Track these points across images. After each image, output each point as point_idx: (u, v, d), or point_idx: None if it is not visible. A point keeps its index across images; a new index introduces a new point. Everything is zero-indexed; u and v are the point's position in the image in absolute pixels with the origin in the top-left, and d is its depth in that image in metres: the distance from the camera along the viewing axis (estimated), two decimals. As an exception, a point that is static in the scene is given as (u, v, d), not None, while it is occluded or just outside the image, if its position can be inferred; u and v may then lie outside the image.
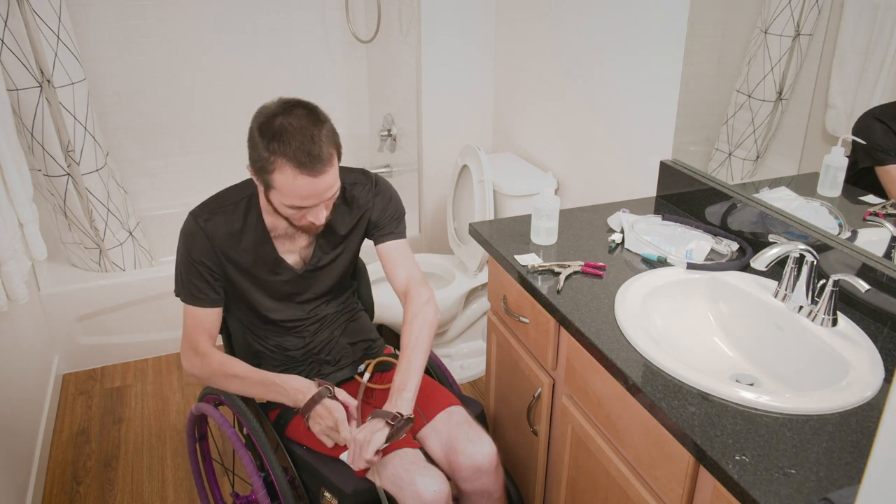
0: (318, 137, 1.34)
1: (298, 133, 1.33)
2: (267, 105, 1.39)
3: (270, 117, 1.35)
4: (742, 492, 0.97)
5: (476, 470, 1.49)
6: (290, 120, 1.34)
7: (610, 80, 2.08)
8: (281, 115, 1.35)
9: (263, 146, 1.34)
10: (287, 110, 1.36)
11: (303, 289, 1.62)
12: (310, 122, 1.35)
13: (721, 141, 1.73)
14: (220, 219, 1.50)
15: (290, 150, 1.32)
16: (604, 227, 1.76)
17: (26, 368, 2.26)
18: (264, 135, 1.34)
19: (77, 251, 2.70)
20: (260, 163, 1.36)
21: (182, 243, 1.51)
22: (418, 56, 2.69)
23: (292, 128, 1.33)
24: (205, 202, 1.54)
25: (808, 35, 1.48)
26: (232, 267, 1.53)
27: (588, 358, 1.35)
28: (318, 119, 1.37)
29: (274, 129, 1.33)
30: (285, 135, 1.33)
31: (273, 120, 1.35)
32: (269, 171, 1.35)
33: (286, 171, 1.34)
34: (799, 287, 1.33)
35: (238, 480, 2.16)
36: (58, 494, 2.15)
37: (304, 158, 1.32)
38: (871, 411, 1.11)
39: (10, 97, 2.30)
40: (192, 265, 1.50)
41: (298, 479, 1.54)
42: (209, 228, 1.49)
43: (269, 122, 1.35)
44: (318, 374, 1.65)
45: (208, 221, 1.50)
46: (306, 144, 1.32)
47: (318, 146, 1.34)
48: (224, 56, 3.14)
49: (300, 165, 1.33)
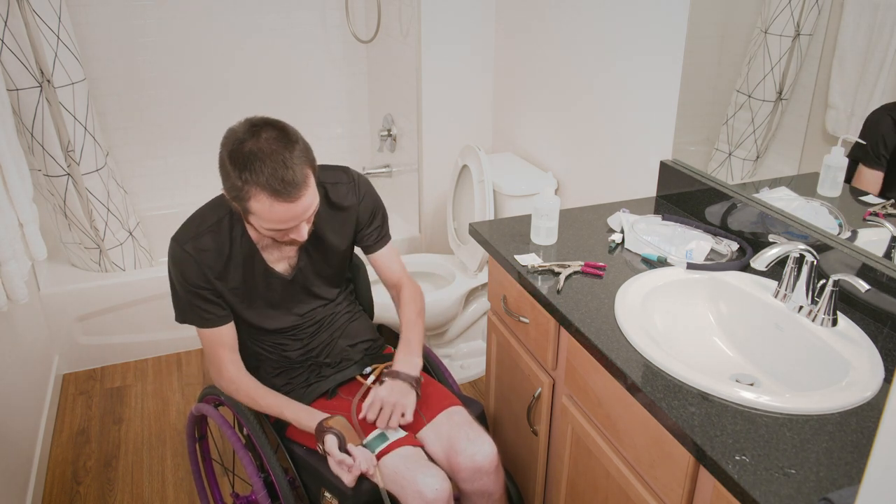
0: (290, 161, 1.30)
1: (269, 159, 1.29)
2: (234, 129, 1.34)
3: (239, 144, 1.31)
4: (742, 492, 0.97)
5: (476, 470, 1.49)
6: (260, 145, 1.30)
7: (610, 79, 2.08)
8: (250, 139, 1.31)
9: (236, 175, 1.30)
10: (255, 133, 1.31)
11: (295, 294, 1.61)
12: (280, 146, 1.31)
13: (721, 141, 1.73)
14: (208, 239, 1.47)
15: (263, 178, 1.28)
16: (604, 227, 1.76)
17: (26, 368, 2.26)
18: (235, 164, 1.30)
19: (77, 251, 2.70)
20: (234, 192, 1.33)
21: (174, 270, 1.49)
22: (418, 56, 2.69)
23: (263, 154, 1.29)
24: (185, 225, 1.50)
25: (808, 35, 1.48)
26: (223, 285, 1.51)
27: (588, 358, 1.35)
28: (288, 140, 1.33)
29: (245, 157, 1.29)
30: (256, 162, 1.28)
31: (242, 146, 1.30)
32: (245, 200, 1.32)
33: (262, 199, 1.31)
34: (799, 287, 1.33)
35: (238, 481, 2.16)
36: (58, 494, 2.15)
37: (278, 186, 1.29)
38: (871, 411, 1.11)
39: (10, 97, 2.30)
40: (190, 290, 1.49)
41: (299, 479, 1.54)
42: (197, 253, 1.47)
43: (238, 150, 1.31)
44: (318, 377, 1.64)
45: (195, 245, 1.47)
46: (279, 170, 1.29)
47: (290, 171, 1.30)
48: (224, 56, 3.14)
49: (275, 193, 1.30)
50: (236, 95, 3.22)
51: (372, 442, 1.46)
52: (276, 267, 1.56)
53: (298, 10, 3.18)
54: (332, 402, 1.61)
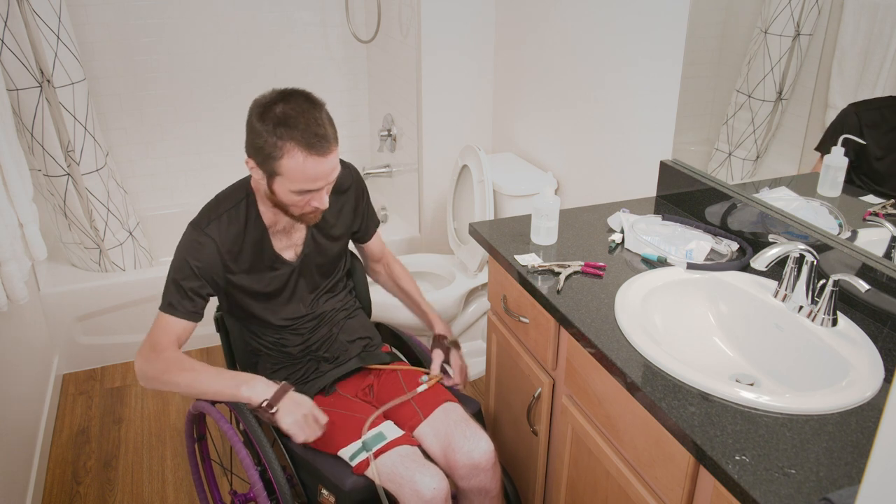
0: (321, 119, 1.39)
1: (302, 117, 1.36)
2: (263, 96, 1.41)
3: (269, 105, 1.38)
4: (742, 492, 0.97)
5: (473, 467, 1.49)
6: (291, 106, 1.37)
7: (610, 79, 2.08)
8: (280, 102, 1.38)
9: (269, 132, 1.36)
10: (285, 98, 1.39)
11: (299, 281, 1.62)
12: (310, 106, 1.39)
13: (721, 141, 1.73)
14: (224, 220, 1.50)
15: (298, 133, 1.35)
16: (604, 227, 1.76)
17: (26, 368, 2.26)
18: (267, 122, 1.36)
19: (77, 251, 2.70)
20: (267, 150, 1.37)
21: (182, 253, 1.49)
22: (418, 56, 2.69)
23: (295, 112, 1.36)
24: (205, 210, 1.53)
25: (808, 35, 1.48)
26: (235, 267, 1.52)
27: (588, 358, 1.35)
28: (315, 103, 1.41)
29: (277, 116, 1.36)
30: (290, 119, 1.36)
31: (273, 107, 1.37)
32: (277, 158, 1.37)
33: (295, 154, 1.36)
34: (799, 287, 1.33)
35: (237, 480, 2.16)
36: (58, 494, 2.15)
37: (312, 140, 1.36)
38: (871, 411, 1.11)
39: (10, 97, 2.30)
40: (185, 276, 1.48)
41: (296, 476, 1.54)
42: (215, 234, 1.49)
43: (269, 110, 1.37)
44: (317, 372, 1.65)
45: (214, 227, 1.49)
46: (312, 126, 1.36)
47: (322, 127, 1.38)
48: (224, 56, 3.14)
49: (309, 147, 1.36)
50: (236, 95, 3.22)
51: (370, 440, 1.46)
52: (283, 254, 1.58)
53: (298, 10, 3.18)
54: (330, 399, 1.61)
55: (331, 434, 1.52)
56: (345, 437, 1.49)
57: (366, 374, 1.70)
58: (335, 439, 1.50)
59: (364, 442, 1.46)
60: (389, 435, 1.47)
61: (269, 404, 1.41)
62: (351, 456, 1.46)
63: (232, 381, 1.44)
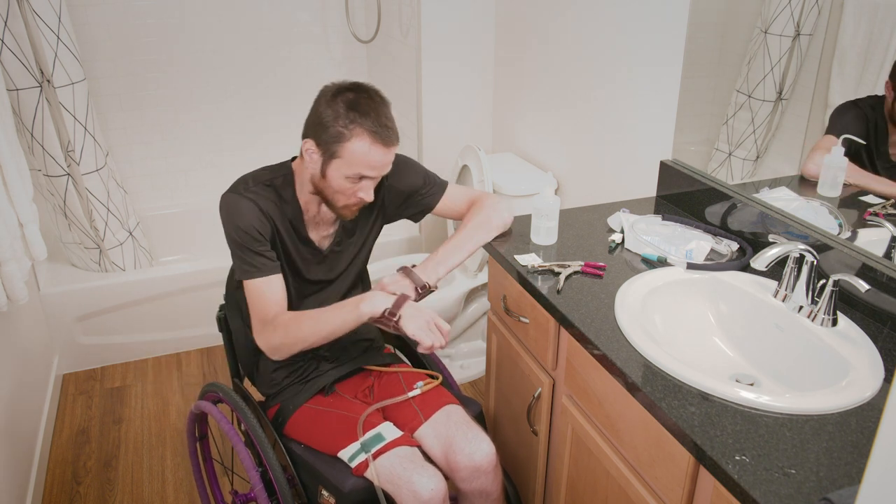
0: (389, 114, 1.46)
1: (374, 107, 1.42)
2: (334, 83, 1.46)
3: (342, 91, 1.43)
4: (742, 492, 0.97)
5: (475, 469, 1.49)
6: (363, 96, 1.43)
7: (610, 79, 2.08)
8: (353, 90, 1.44)
9: (343, 114, 1.40)
10: (357, 89, 1.45)
11: (323, 271, 1.62)
12: (381, 100, 1.46)
13: (721, 141, 1.73)
14: (261, 188, 1.51)
15: (370, 120, 1.41)
16: (604, 227, 1.76)
17: (26, 368, 2.26)
18: (339, 105, 1.41)
19: (77, 251, 2.70)
20: (334, 130, 1.40)
21: (227, 220, 1.47)
22: (418, 56, 2.69)
23: (369, 102, 1.43)
24: (239, 180, 1.52)
25: (808, 35, 1.48)
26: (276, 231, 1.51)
27: (588, 358, 1.35)
28: (384, 99, 1.48)
29: (351, 101, 1.41)
30: (364, 107, 1.41)
31: (346, 93, 1.43)
32: (345, 140, 1.41)
33: (364, 139, 1.41)
34: (799, 287, 1.33)
35: (238, 480, 2.17)
36: (58, 494, 2.16)
37: (381, 130, 1.42)
38: (871, 411, 1.11)
39: (10, 97, 2.30)
40: (241, 238, 1.46)
41: (296, 477, 1.54)
42: (257, 196, 1.49)
43: (342, 94, 1.42)
44: (316, 371, 1.65)
45: (255, 191, 1.49)
46: (382, 118, 1.43)
47: (391, 121, 1.45)
48: (224, 55, 3.14)
49: (377, 135, 1.41)
50: (236, 95, 3.22)
51: (368, 441, 1.46)
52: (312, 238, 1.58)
53: (298, 10, 3.19)
54: (329, 400, 1.61)
55: (330, 435, 1.52)
56: (344, 439, 1.49)
57: (366, 375, 1.70)
58: (335, 440, 1.50)
59: (363, 443, 1.46)
60: (388, 436, 1.47)
61: (392, 312, 1.42)
62: (350, 457, 1.46)
63: (350, 307, 1.45)
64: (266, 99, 3.29)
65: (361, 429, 1.48)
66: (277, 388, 1.64)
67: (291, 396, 1.62)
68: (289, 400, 1.62)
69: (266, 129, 3.33)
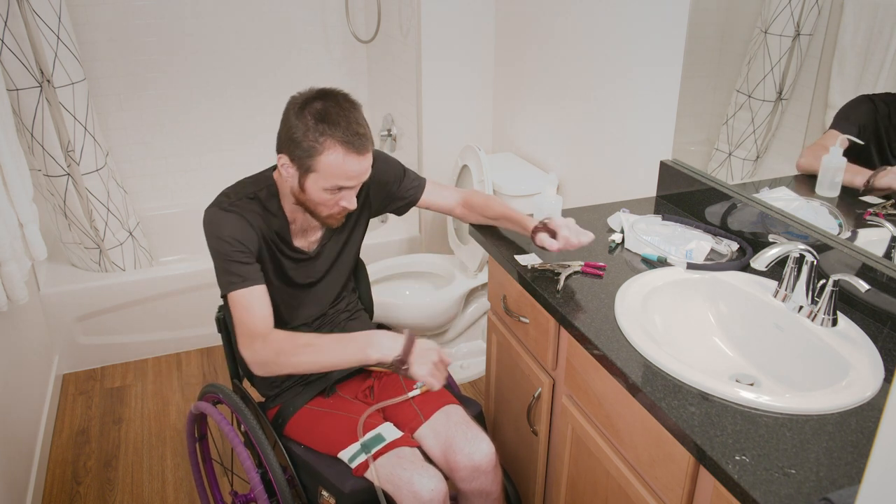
0: (360, 119, 1.42)
1: (344, 116, 1.39)
2: (300, 93, 1.43)
3: (309, 101, 1.40)
4: (742, 492, 0.97)
5: (474, 469, 1.49)
6: (331, 104, 1.40)
7: (610, 79, 2.08)
8: (320, 99, 1.40)
9: (312, 127, 1.37)
10: (324, 96, 1.41)
11: (312, 271, 1.62)
12: (350, 106, 1.42)
13: (721, 141, 1.73)
14: (245, 202, 1.49)
15: (340, 131, 1.38)
16: (604, 227, 1.76)
17: (26, 368, 2.26)
18: (307, 118, 1.38)
19: (77, 251, 2.70)
20: (306, 144, 1.38)
21: (210, 233, 1.46)
22: (418, 56, 2.69)
23: (338, 110, 1.39)
24: (223, 194, 1.51)
25: (808, 35, 1.48)
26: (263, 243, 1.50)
27: (588, 358, 1.35)
28: (354, 103, 1.45)
29: (318, 112, 1.38)
30: (331, 116, 1.38)
31: (312, 104, 1.39)
32: (316, 154, 1.38)
33: (337, 150, 1.38)
34: (799, 287, 1.33)
35: (237, 480, 2.16)
36: (58, 494, 2.16)
37: (352, 139, 1.39)
38: (871, 411, 1.11)
39: (10, 97, 2.30)
40: (224, 249, 1.44)
41: (296, 477, 1.54)
42: (240, 209, 1.47)
43: (308, 106, 1.39)
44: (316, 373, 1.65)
45: (239, 205, 1.48)
46: (353, 125, 1.39)
47: (362, 126, 1.41)
48: (224, 55, 3.14)
49: (349, 146, 1.38)
50: (236, 95, 3.22)
51: (369, 442, 1.46)
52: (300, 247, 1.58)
53: (298, 10, 3.18)
54: (330, 401, 1.61)
55: (330, 436, 1.52)
56: (344, 439, 1.49)
57: (366, 375, 1.70)
58: (335, 441, 1.50)
59: (363, 444, 1.46)
60: (388, 436, 1.47)
61: (402, 360, 1.38)
62: (350, 458, 1.46)
63: (355, 347, 1.40)
64: (266, 99, 3.29)
65: (361, 429, 1.48)
66: (277, 389, 1.64)
67: (292, 398, 1.62)
68: (289, 401, 1.62)
69: (266, 128, 3.33)
